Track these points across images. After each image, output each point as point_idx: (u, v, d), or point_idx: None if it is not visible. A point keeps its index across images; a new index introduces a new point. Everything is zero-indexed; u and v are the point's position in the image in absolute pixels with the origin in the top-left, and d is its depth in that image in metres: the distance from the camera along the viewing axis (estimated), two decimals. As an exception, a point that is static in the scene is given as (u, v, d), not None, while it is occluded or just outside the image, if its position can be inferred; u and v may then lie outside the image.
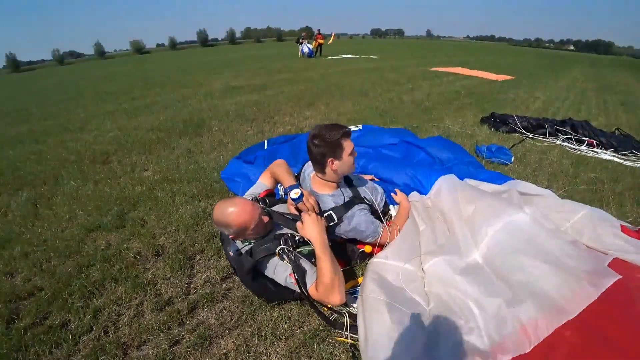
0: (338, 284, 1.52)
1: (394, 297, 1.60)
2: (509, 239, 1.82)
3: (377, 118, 5.24)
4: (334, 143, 1.74)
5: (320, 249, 1.57)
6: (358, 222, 1.89)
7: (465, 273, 1.71)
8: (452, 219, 2.07)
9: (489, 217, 1.94)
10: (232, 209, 1.60)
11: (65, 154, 4.61)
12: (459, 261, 1.80)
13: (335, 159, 1.78)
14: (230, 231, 1.65)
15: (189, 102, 7.29)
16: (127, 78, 14.69)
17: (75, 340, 1.68)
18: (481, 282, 1.67)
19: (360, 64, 13.72)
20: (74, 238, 2.55)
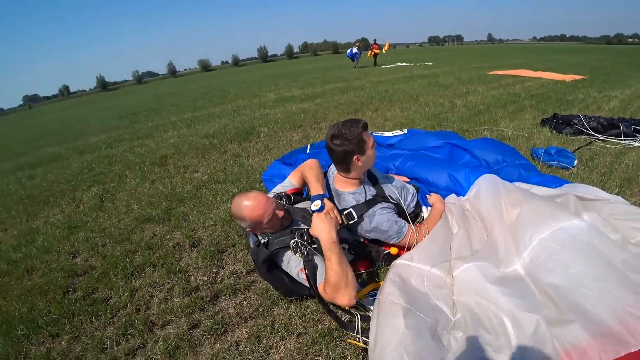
0: (345, 285, 1.46)
1: (415, 302, 1.47)
2: (558, 249, 1.55)
3: (425, 122, 5.03)
4: (357, 139, 1.70)
5: (326, 247, 1.50)
6: (379, 221, 1.82)
7: (501, 283, 1.52)
8: (492, 223, 1.87)
9: (536, 223, 1.70)
10: (246, 202, 1.63)
11: (131, 157, 5.17)
12: (496, 270, 1.61)
13: (360, 155, 1.75)
14: (245, 224, 1.68)
15: (243, 112, 7.71)
16: (192, 93, 16.05)
17: (112, 314, 1.88)
18: (520, 294, 1.46)
19: (413, 71, 13.30)
20: (127, 228, 2.84)
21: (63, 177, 4.86)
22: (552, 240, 1.59)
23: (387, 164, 2.86)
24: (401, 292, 1.50)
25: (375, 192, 1.91)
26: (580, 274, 1.42)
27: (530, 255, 1.61)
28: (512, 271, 1.63)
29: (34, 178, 5.21)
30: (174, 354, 1.55)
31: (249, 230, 1.74)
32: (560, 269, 1.48)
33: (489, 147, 2.98)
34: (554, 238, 1.59)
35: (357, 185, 1.89)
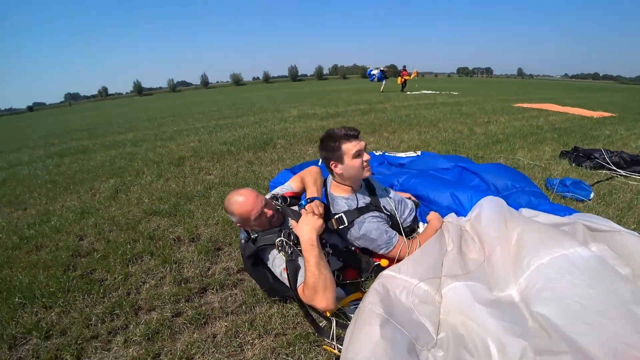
0: (323, 289, 1.45)
1: (395, 314, 1.42)
2: (557, 277, 1.46)
3: (441, 146, 5.00)
4: (333, 147, 1.75)
5: (305, 248, 1.51)
6: (369, 228, 1.81)
7: (492, 306, 1.45)
8: (491, 245, 1.80)
9: (536, 247, 1.62)
10: (236, 198, 1.68)
11: (152, 156, 5.40)
12: (488, 292, 1.55)
13: (338, 162, 1.78)
14: (234, 219, 1.73)
15: (264, 124, 7.93)
16: (220, 104, 16.69)
17: (104, 294, 1.95)
18: (510, 319, 1.39)
19: (437, 99, 13.33)
20: (135, 218, 2.95)
21: (86, 167, 5.12)
22: (552, 268, 1.51)
23: (391, 180, 2.86)
24: (382, 302, 1.46)
25: (369, 201, 1.91)
26: (579, 306, 1.34)
27: (526, 281, 1.53)
28: (506, 296, 1.56)
29: (60, 166, 5.51)
30: (152, 338, 1.58)
31: (239, 225, 1.77)
32: (558, 299, 1.40)
33: (500, 173, 2.92)
34: (554, 265, 1.51)
35: (349, 192, 1.91)
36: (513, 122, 7.13)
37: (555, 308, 1.38)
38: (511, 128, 6.41)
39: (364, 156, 1.78)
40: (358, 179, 1.89)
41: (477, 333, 1.37)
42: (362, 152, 1.77)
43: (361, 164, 1.77)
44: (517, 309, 1.48)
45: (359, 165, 1.77)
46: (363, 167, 1.79)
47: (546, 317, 1.37)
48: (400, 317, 1.44)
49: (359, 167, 1.78)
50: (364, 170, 1.81)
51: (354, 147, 1.74)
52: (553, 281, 1.46)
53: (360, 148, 1.76)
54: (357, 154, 1.75)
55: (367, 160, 1.79)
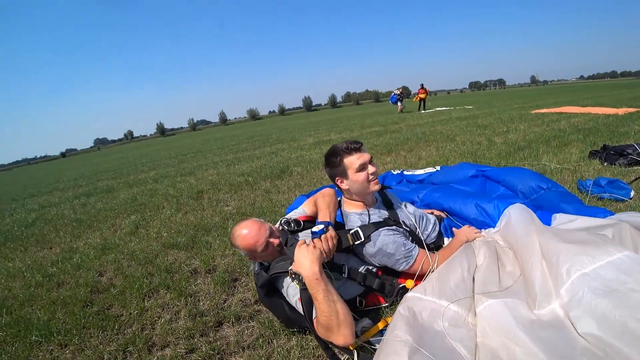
0: (337, 326, 1.31)
1: (426, 341, 1.27)
2: (604, 289, 1.26)
3: (460, 159, 4.83)
4: (335, 162, 1.69)
5: (309, 284, 1.35)
6: (385, 242, 1.67)
7: (535, 326, 1.28)
8: (524, 254, 1.62)
9: (577, 254, 1.42)
10: (239, 231, 1.62)
11: (172, 191, 5.51)
12: (528, 311, 1.37)
13: (343, 177, 1.71)
14: (242, 253, 1.67)
15: (281, 154, 8.02)
16: (237, 138, 17.15)
17: (118, 330, 1.89)
18: (557, 340, 1.21)
19: (452, 114, 13.20)
20: (153, 252, 2.94)
21: (110, 206, 5.26)
22: (597, 278, 1.31)
23: (411, 196, 2.74)
24: (410, 328, 1.32)
25: (387, 216, 1.80)
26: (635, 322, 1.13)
27: (569, 294, 1.33)
28: (547, 312, 1.36)
29: (86, 205, 5.70)
30: (165, 377, 1.49)
31: (249, 258, 1.71)
32: (608, 314, 1.20)
33: (522, 175, 2.77)
34: (599, 275, 1.32)
35: (362, 208, 1.81)
36: (533, 128, 6.88)
37: (606, 325, 1.18)
38: (532, 134, 6.17)
39: (369, 169, 1.69)
40: (367, 194, 1.79)
41: (522, 354, 1.19)
42: (366, 165, 1.68)
43: (366, 177, 1.68)
44: (564, 327, 1.29)
45: (364, 179, 1.68)
46: (369, 180, 1.70)
47: (597, 336, 1.18)
48: (430, 344, 1.29)
49: (364, 180, 1.68)
50: (371, 184, 1.71)
51: (357, 159, 1.66)
52: (600, 294, 1.26)
53: (363, 161, 1.67)
54: (361, 167, 1.67)
55: (373, 173, 1.70)
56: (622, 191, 2.74)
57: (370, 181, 1.70)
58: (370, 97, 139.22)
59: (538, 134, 6.15)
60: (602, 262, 1.35)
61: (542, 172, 3.63)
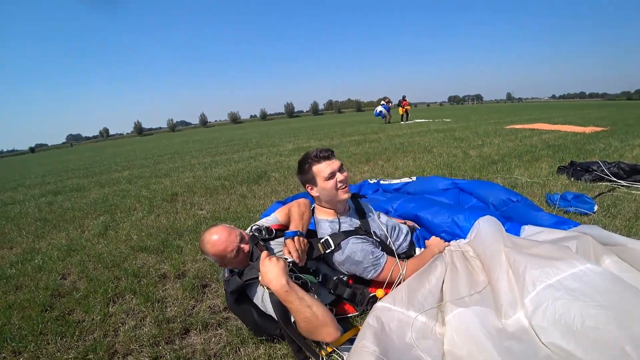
0: (319, 327, 1.34)
1: (393, 352, 1.30)
2: (569, 299, 1.32)
3: (437, 170, 4.95)
4: (305, 170, 1.70)
5: (281, 298, 1.37)
6: (352, 250, 1.68)
7: (501, 336, 1.32)
8: (491, 265, 1.68)
9: (542, 266, 1.48)
10: (208, 237, 1.59)
11: (145, 193, 5.35)
12: (495, 319, 1.41)
13: (312, 185, 1.72)
14: (211, 259, 1.63)
15: (259, 159, 7.95)
16: (217, 141, 16.89)
17: (79, 337, 1.81)
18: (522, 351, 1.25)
19: (430, 126, 13.54)
20: (121, 255, 2.84)
21: (79, 205, 5.05)
22: (561, 289, 1.37)
23: (385, 206, 2.77)
24: (377, 339, 1.33)
25: (358, 225, 1.81)
26: (595, 332, 1.20)
27: (533, 304, 1.39)
28: (513, 321, 1.41)
29: (53, 204, 5.44)
30: (126, 387, 1.44)
31: (219, 265, 1.67)
32: (570, 325, 1.26)
33: (495, 188, 2.89)
34: (563, 286, 1.38)
35: (333, 215, 1.81)
36: (507, 143, 7.16)
37: (569, 335, 1.24)
38: (505, 149, 6.42)
39: (337, 177, 1.69)
40: (336, 202, 1.79)
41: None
42: (335, 173, 1.69)
43: (334, 184, 1.69)
44: (528, 336, 1.34)
45: (332, 187, 1.69)
46: (337, 188, 1.70)
47: (559, 345, 1.24)
48: (397, 354, 1.31)
49: (332, 188, 1.69)
50: (339, 192, 1.71)
51: (326, 167, 1.68)
52: (563, 304, 1.31)
53: (332, 169, 1.68)
54: (329, 176, 1.67)
55: (341, 181, 1.70)
56: (587, 205, 2.91)
57: (339, 189, 1.71)
58: (352, 106, 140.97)
59: (511, 148, 6.41)
60: (565, 273, 1.41)
61: (513, 185, 3.80)
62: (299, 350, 1.41)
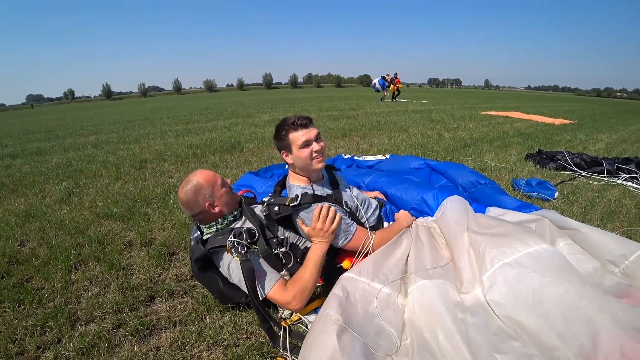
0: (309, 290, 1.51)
1: (355, 321, 1.34)
2: (521, 275, 1.41)
3: (410, 149, 5.03)
4: (281, 136, 1.67)
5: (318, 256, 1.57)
6: None
7: (459, 308, 1.41)
8: (455, 243, 1.75)
9: (500, 245, 1.57)
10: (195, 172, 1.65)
11: (112, 159, 5.12)
12: (455, 292, 1.50)
13: (287, 152, 1.69)
14: (204, 194, 1.56)
15: (234, 129, 7.75)
16: (191, 108, 16.25)
17: (38, 304, 1.74)
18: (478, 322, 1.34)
19: (408, 107, 13.65)
20: (85, 222, 2.73)
21: (39, 170, 4.77)
22: (516, 267, 1.46)
23: (357, 180, 2.80)
24: (341, 308, 1.37)
25: (330, 193, 1.80)
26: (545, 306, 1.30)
27: (490, 280, 1.47)
28: (471, 296, 1.50)
29: (10, 168, 5.10)
30: (87, 353, 1.40)
31: (207, 205, 1.56)
32: (523, 300, 1.35)
33: (465, 171, 2.98)
34: (518, 264, 1.46)
35: (306, 182, 1.78)
36: (480, 128, 7.36)
37: (520, 308, 1.34)
38: (479, 133, 6.60)
39: (313, 146, 1.64)
40: (310, 170, 1.74)
41: (443, 337, 1.29)
42: (311, 142, 1.64)
43: (309, 154, 1.64)
44: (484, 310, 1.43)
45: (307, 156, 1.64)
46: (312, 157, 1.65)
47: (511, 318, 1.34)
48: (360, 323, 1.35)
49: (307, 157, 1.64)
50: (314, 162, 1.66)
51: (302, 136, 1.62)
52: (517, 281, 1.41)
53: (308, 138, 1.62)
54: (304, 144, 1.62)
55: (317, 151, 1.66)
56: (549, 192, 3.11)
57: (314, 159, 1.66)
58: (332, 81, 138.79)
59: (484, 133, 6.59)
60: (521, 253, 1.50)
61: (483, 169, 3.95)
62: (264, 320, 1.44)
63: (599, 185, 3.54)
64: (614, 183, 3.61)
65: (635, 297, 1.48)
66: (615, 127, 8.96)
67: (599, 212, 2.82)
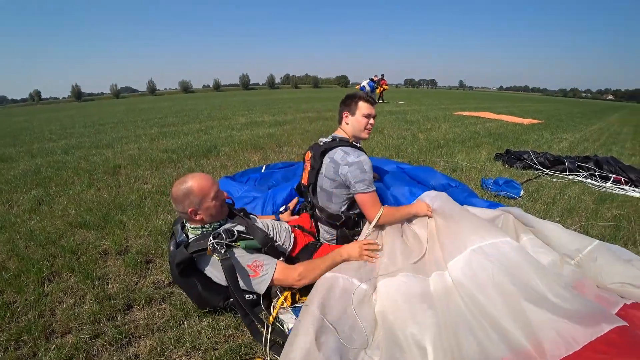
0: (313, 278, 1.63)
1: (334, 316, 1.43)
2: (485, 260, 1.58)
3: (385, 151, 5.17)
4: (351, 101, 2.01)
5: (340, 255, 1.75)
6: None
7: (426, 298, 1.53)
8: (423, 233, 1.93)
9: (470, 235, 1.73)
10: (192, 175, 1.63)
11: (84, 164, 4.98)
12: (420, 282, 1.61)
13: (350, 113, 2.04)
14: (187, 203, 1.56)
15: (210, 132, 7.69)
16: (166, 110, 15.90)
17: (11, 319, 1.71)
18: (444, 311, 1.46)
19: (384, 108, 13.95)
20: (57, 232, 2.67)
21: (5, 178, 4.57)
22: (482, 254, 1.61)
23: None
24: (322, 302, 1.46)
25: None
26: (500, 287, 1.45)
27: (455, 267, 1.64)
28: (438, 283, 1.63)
29: (-29, 177, 4.87)
30: (64, 365, 1.42)
31: (190, 211, 1.58)
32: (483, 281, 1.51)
33: (436, 174, 3.15)
34: (484, 251, 1.62)
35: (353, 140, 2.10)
36: (454, 129, 7.64)
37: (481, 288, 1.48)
38: (452, 134, 6.85)
39: (371, 120, 2.03)
40: (359, 136, 2.08)
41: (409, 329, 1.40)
42: (371, 116, 2.02)
43: (366, 123, 2.02)
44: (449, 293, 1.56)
45: (364, 124, 2.01)
46: (365, 127, 2.03)
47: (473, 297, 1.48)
48: (337, 317, 1.44)
49: (363, 125, 2.02)
50: (365, 131, 2.05)
51: (367, 109, 2.00)
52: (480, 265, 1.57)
53: (371, 112, 2.01)
54: (367, 115, 2.00)
55: (372, 124, 2.05)
56: (515, 190, 3.31)
57: (366, 129, 2.05)
58: (309, 81, 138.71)
59: (457, 134, 6.85)
60: (487, 242, 1.66)
61: (454, 169, 4.13)
62: (245, 315, 1.49)
63: (561, 182, 3.79)
64: (575, 180, 3.88)
65: (586, 287, 1.65)
66: (579, 126, 9.53)
67: (560, 209, 3.04)
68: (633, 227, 2.69)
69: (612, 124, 11.65)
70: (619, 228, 2.68)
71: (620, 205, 3.23)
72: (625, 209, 3.10)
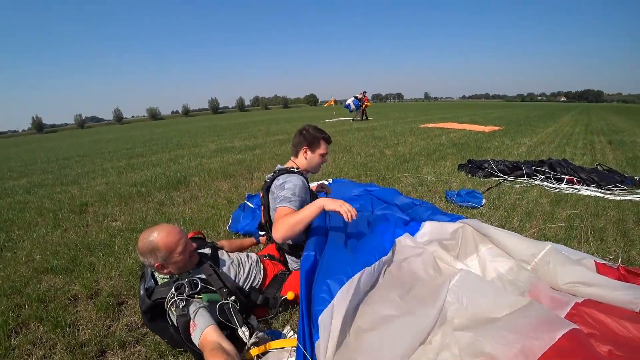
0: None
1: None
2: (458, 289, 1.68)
3: (353, 170, 5.34)
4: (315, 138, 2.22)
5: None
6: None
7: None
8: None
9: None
10: (159, 229, 1.60)
11: (48, 204, 4.82)
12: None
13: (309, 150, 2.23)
14: (153, 258, 1.57)
15: (180, 161, 7.64)
16: (133, 140, 15.59)
17: None
18: None
19: (353, 125, 14.36)
20: (22, 279, 2.58)
21: (-40, 224, 4.35)
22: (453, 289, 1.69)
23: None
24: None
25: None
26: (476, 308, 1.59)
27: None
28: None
29: None
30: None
31: (157, 265, 1.60)
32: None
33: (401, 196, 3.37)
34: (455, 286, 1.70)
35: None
36: (419, 142, 8.00)
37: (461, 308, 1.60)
38: (417, 147, 7.17)
39: (325, 158, 2.27)
40: (311, 171, 2.31)
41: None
42: (326, 155, 2.27)
43: (322, 162, 2.27)
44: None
45: (319, 162, 2.26)
46: (319, 165, 2.29)
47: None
48: None
49: (318, 163, 2.26)
50: (318, 168, 2.32)
51: (326, 149, 2.25)
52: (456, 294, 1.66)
53: (326, 153, 2.26)
54: (324, 154, 2.24)
55: (323, 163, 2.31)
56: (476, 200, 3.51)
57: (319, 167, 2.31)
58: (279, 102, 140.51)
59: (422, 147, 7.17)
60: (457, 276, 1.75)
61: (420, 183, 4.34)
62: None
63: (521, 188, 4.07)
64: (533, 185, 4.17)
65: (541, 290, 1.76)
66: (536, 129, 10.22)
67: (519, 214, 3.27)
68: (585, 225, 2.94)
69: (565, 125, 12.54)
70: (573, 228, 2.91)
71: (574, 204, 3.50)
72: (578, 208, 3.38)
